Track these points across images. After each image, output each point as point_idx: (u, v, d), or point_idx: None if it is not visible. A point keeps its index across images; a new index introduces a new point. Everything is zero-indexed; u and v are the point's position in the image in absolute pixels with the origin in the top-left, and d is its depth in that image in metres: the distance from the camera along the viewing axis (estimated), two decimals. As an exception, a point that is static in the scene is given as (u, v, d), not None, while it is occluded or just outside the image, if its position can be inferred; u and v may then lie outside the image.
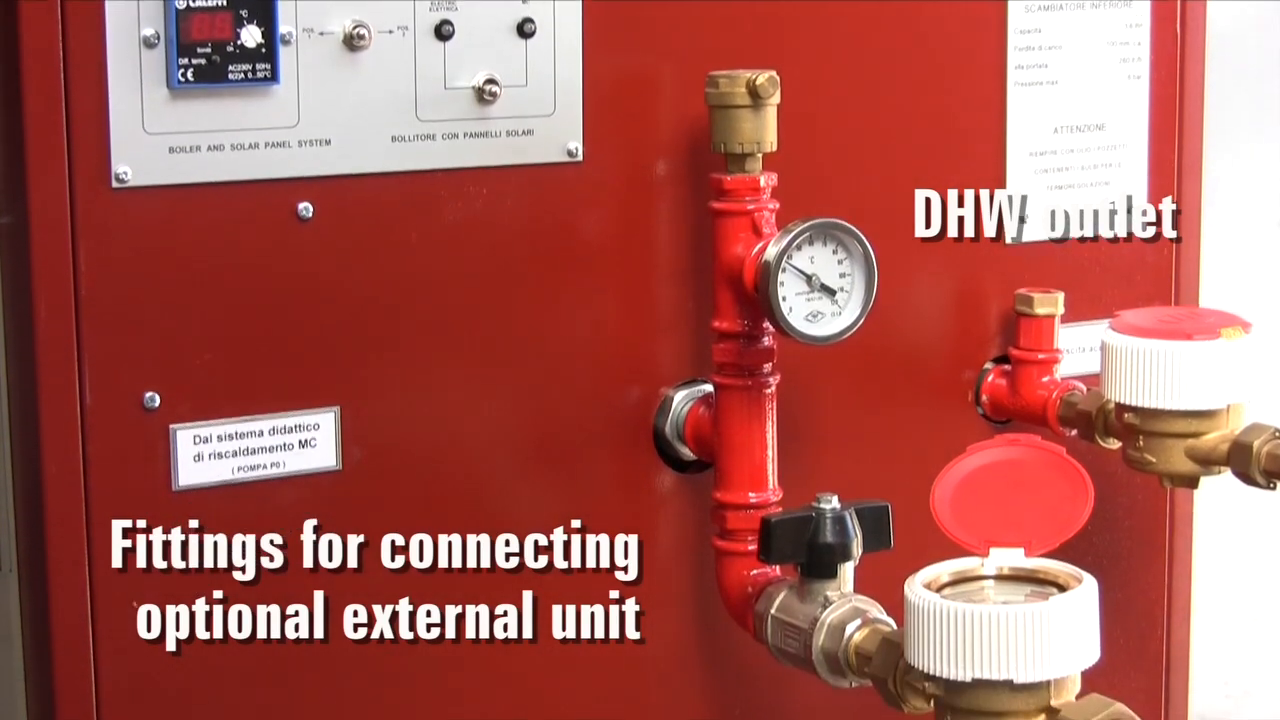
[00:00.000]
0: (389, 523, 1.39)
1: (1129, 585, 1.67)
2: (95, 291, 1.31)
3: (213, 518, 1.34)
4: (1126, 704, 1.25)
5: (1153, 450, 1.48)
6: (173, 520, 1.33)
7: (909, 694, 1.32)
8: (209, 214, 1.33)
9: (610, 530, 1.46)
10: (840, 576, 1.39)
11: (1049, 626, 1.24)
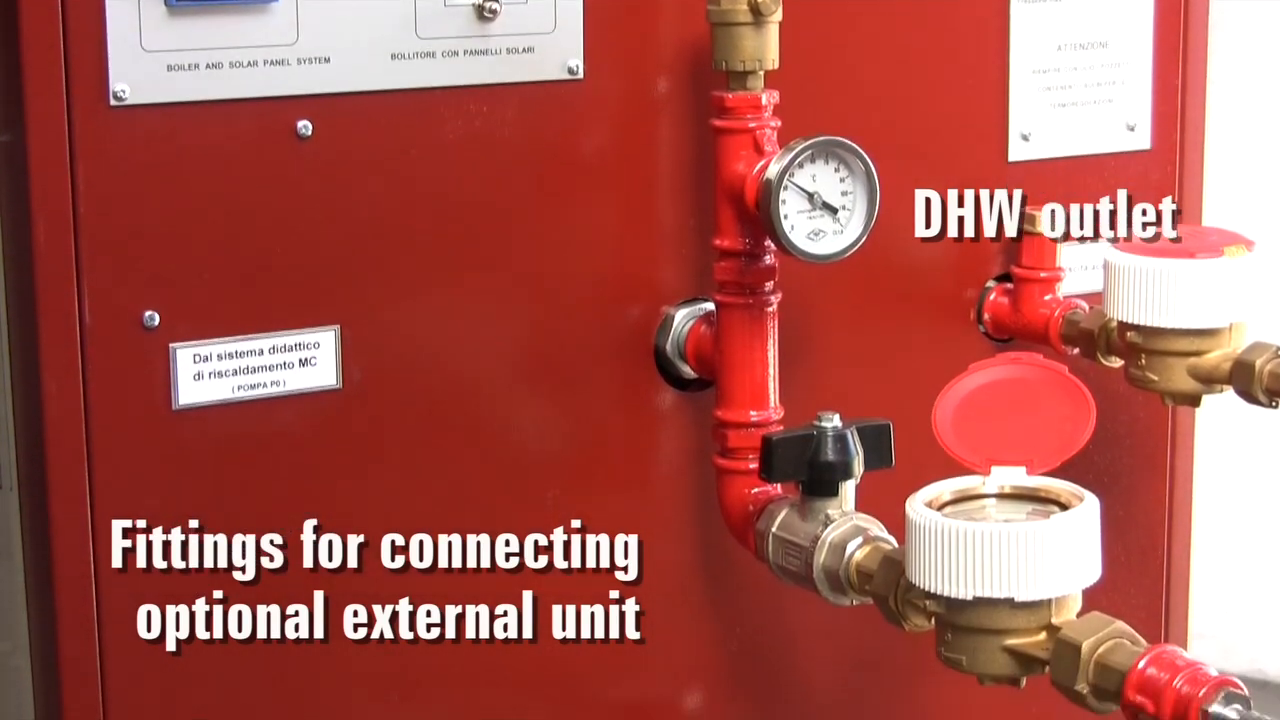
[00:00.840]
0: (389, 442, 1.40)
1: (1130, 503, 1.67)
2: (94, 210, 1.30)
3: (212, 437, 1.34)
4: (1127, 622, 1.25)
5: (1155, 369, 1.48)
6: (172, 440, 1.33)
7: (910, 612, 1.32)
8: (208, 132, 1.33)
9: (611, 451, 1.47)
10: (841, 495, 1.39)
11: (1050, 545, 1.25)
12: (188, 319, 1.33)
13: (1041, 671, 1.27)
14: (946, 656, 1.30)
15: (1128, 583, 1.67)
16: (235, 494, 1.36)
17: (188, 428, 1.34)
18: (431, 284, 1.41)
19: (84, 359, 1.31)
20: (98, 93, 1.29)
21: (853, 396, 1.51)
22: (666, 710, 1.51)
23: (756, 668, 1.54)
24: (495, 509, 1.44)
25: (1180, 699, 1.19)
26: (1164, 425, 1.69)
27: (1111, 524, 1.32)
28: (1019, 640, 1.27)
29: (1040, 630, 1.26)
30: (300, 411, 1.37)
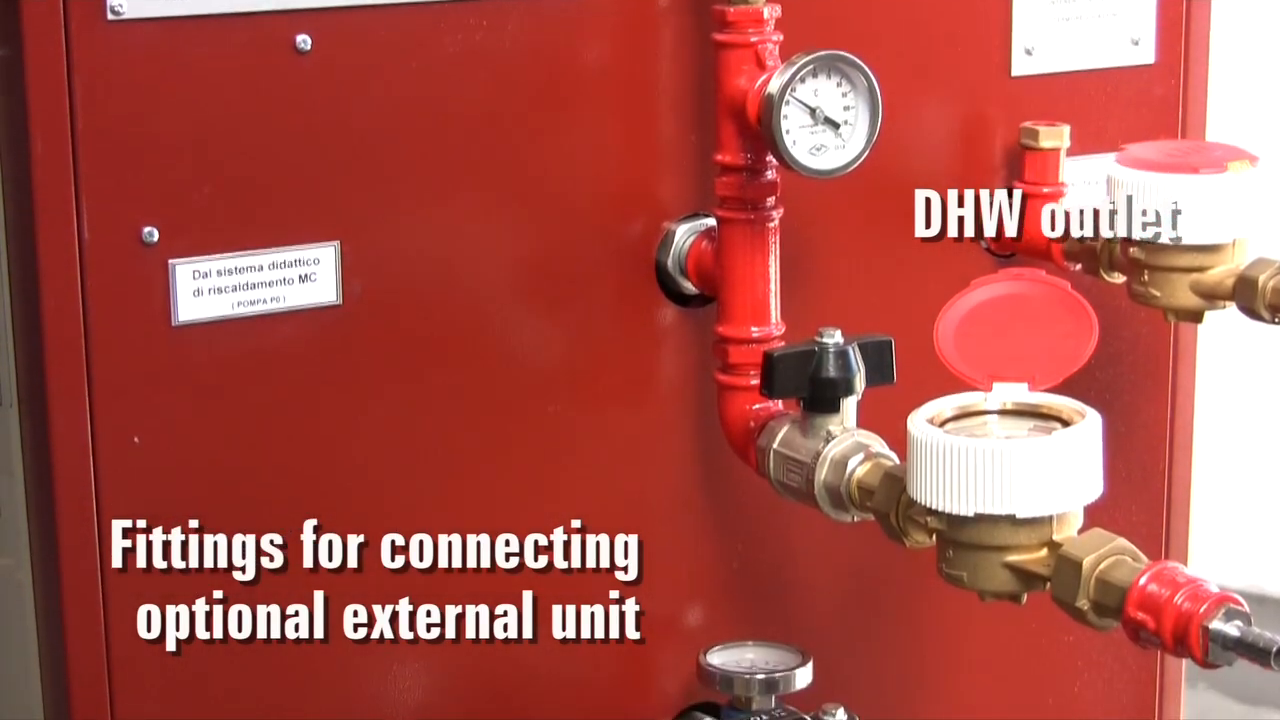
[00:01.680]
0: (389, 358, 1.39)
1: (1131, 420, 1.67)
2: (92, 126, 1.29)
3: (212, 354, 1.34)
4: (1128, 539, 1.25)
5: (1158, 285, 1.47)
6: (172, 356, 1.33)
7: (911, 528, 1.32)
8: (206, 47, 1.32)
9: (611, 367, 1.46)
10: (842, 411, 1.39)
11: (1051, 461, 1.24)
12: (187, 235, 1.33)
13: (1042, 588, 1.27)
14: (947, 573, 1.30)
15: (1129, 499, 1.67)
16: (235, 410, 1.35)
17: (187, 344, 1.34)
18: (431, 199, 1.40)
19: (83, 276, 1.30)
20: (95, 7, 1.28)
21: (854, 312, 1.50)
22: (667, 626, 1.51)
23: (757, 584, 1.54)
24: (496, 425, 1.44)
25: (1181, 615, 1.20)
26: (1166, 342, 1.68)
27: (1113, 441, 1.32)
28: (1020, 557, 1.27)
29: (1041, 547, 1.27)
30: (300, 327, 1.37)
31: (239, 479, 1.36)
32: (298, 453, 1.38)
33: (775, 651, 1.50)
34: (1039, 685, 1.67)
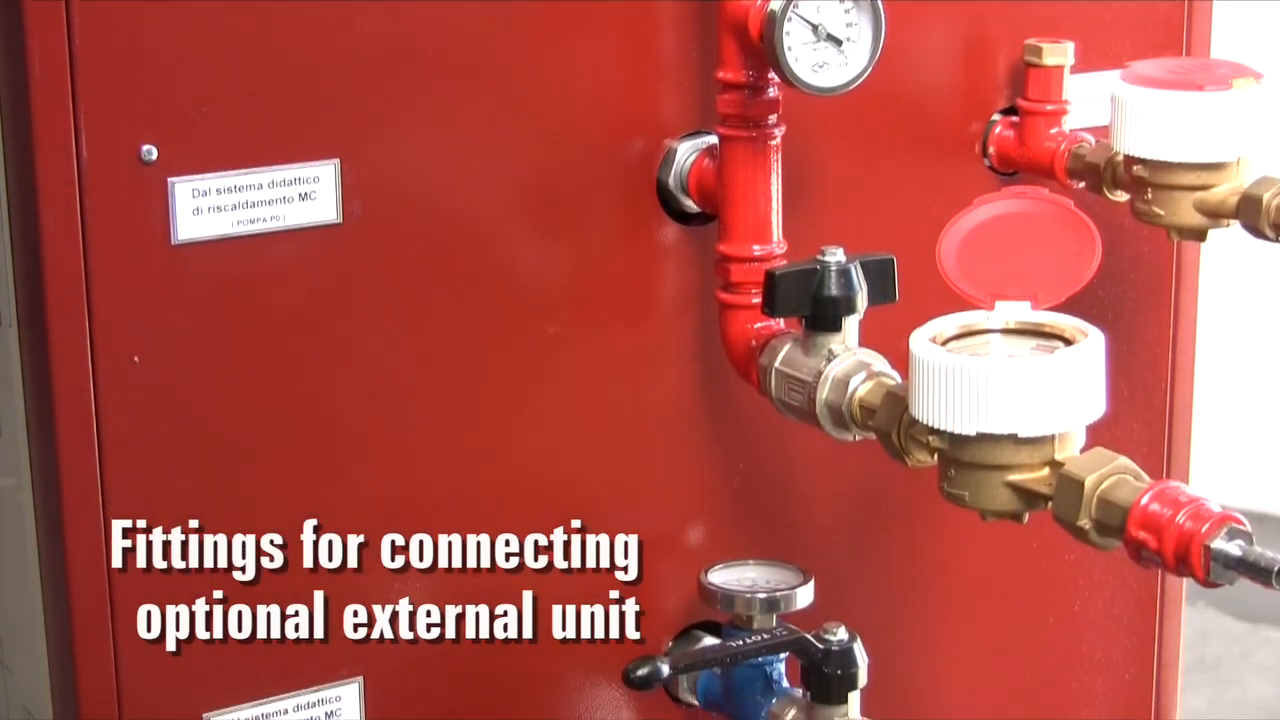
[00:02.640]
0: (390, 277, 1.39)
1: (1134, 339, 1.66)
2: (90, 43, 1.28)
3: (211, 272, 1.33)
4: (1130, 458, 1.25)
5: (1161, 203, 1.47)
6: (171, 275, 1.32)
7: (913, 447, 1.32)
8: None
9: (612, 286, 1.46)
10: (844, 330, 1.39)
11: (1054, 380, 1.24)
12: (186, 153, 1.32)
13: (1044, 507, 1.27)
14: (949, 492, 1.30)
15: (1131, 418, 1.67)
16: (234, 330, 1.35)
17: (187, 263, 1.33)
18: (432, 118, 1.39)
19: (82, 194, 1.30)
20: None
21: (856, 231, 1.50)
22: (668, 546, 1.51)
23: (759, 503, 1.54)
24: (496, 344, 1.43)
25: (1183, 535, 1.20)
26: (1169, 260, 1.68)
27: (1115, 359, 1.32)
28: (1022, 476, 1.27)
29: (1043, 466, 1.26)
30: (300, 247, 1.36)
31: (238, 397, 1.36)
32: (297, 371, 1.37)
33: (776, 570, 1.50)
34: (1039, 604, 1.68)
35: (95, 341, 1.30)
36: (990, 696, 1.66)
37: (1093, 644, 1.71)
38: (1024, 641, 1.68)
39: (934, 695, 1.63)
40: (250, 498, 1.37)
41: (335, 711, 1.42)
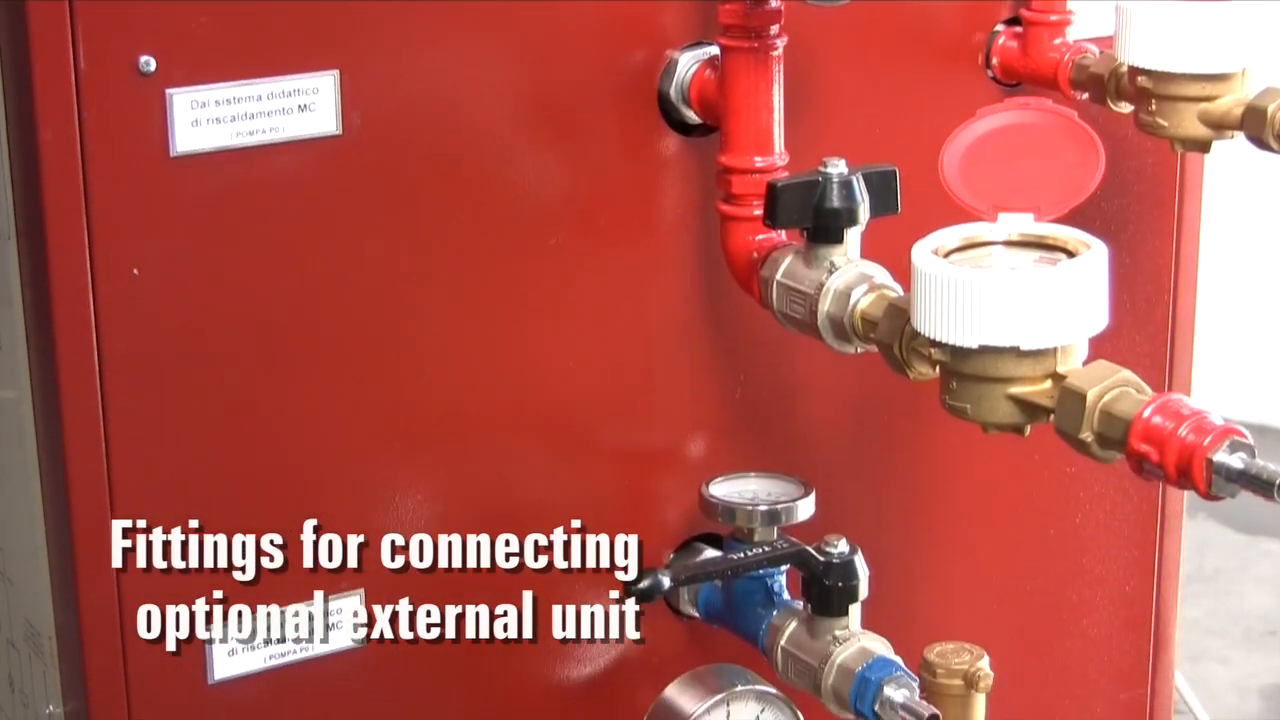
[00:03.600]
0: (389, 190, 1.38)
1: (1137, 250, 1.66)
2: (86, -48, 1.28)
3: (210, 184, 1.33)
4: (1132, 370, 1.25)
5: (1165, 114, 1.46)
6: (170, 188, 1.31)
7: (914, 360, 1.32)
8: None
9: (613, 198, 1.45)
10: (846, 242, 1.38)
11: (1057, 292, 1.24)
12: (185, 64, 1.31)
13: (1046, 420, 1.27)
14: (951, 405, 1.29)
15: (1133, 331, 1.66)
16: (234, 242, 1.34)
17: (186, 175, 1.32)
18: (432, 29, 1.38)
19: (80, 106, 1.29)
20: None
21: (859, 142, 1.49)
22: (670, 459, 1.51)
23: (760, 415, 1.54)
24: (496, 257, 1.43)
25: (1185, 448, 1.19)
26: (1173, 172, 1.67)
27: (1118, 272, 1.31)
28: (1024, 388, 1.26)
29: (1045, 378, 1.26)
30: (299, 158, 1.35)
31: (237, 311, 1.35)
32: (296, 283, 1.37)
33: (777, 483, 1.50)
34: (1040, 517, 1.68)
35: (94, 254, 1.30)
36: (990, 609, 1.67)
37: (1093, 556, 1.71)
38: (1024, 554, 1.68)
39: (934, 608, 1.63)
40: (251, 410, 1.37)
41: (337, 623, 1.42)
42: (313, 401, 1.38)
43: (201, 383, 1.35)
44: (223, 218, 1.34)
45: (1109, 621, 1.73)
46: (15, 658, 1.48)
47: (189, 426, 1.35)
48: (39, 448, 1.36)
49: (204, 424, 1.35)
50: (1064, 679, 1.72)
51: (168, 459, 1.34)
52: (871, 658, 1.42)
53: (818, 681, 1.44)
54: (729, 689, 1.49)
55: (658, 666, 1.52)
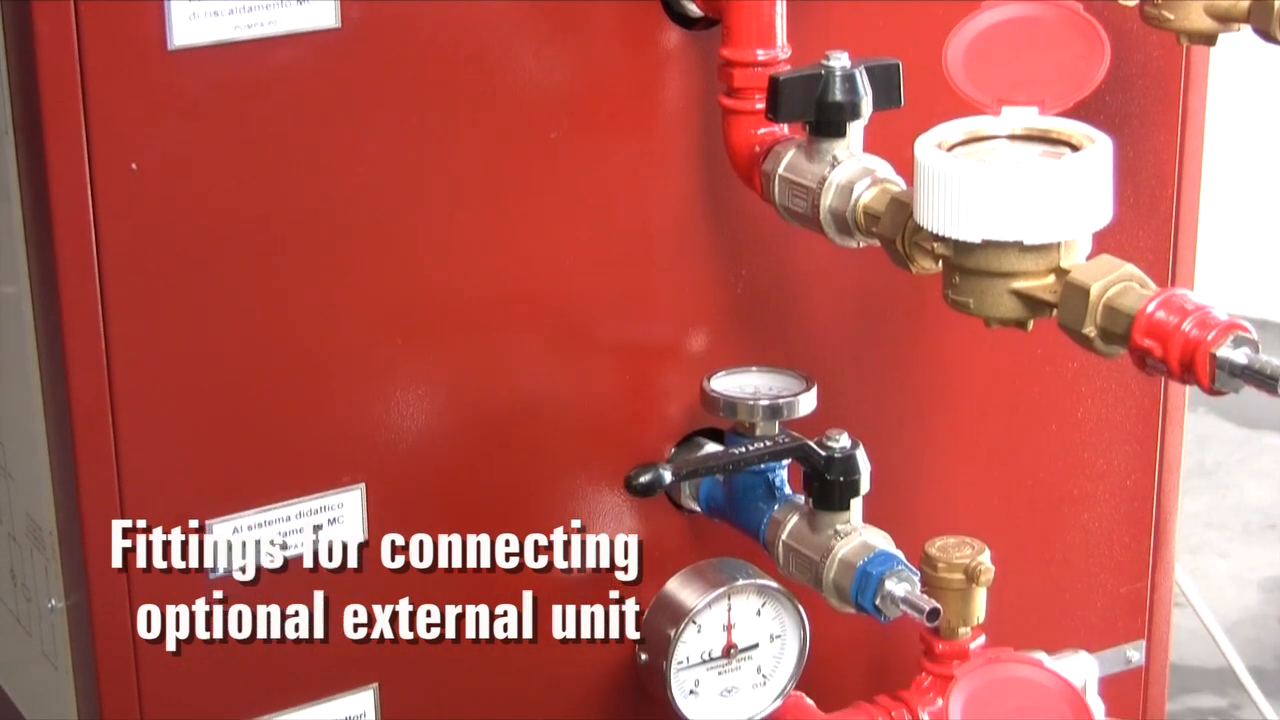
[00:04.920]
0: (389, 83, 1.37)
1: (1141, 145, 1.65)
2: None
3: (208, 78, 1.32)
4: (1135, 265, 1.24)
5: (1171, 6, 1.44)
6: (168, 82, 1.31)
7: (917, 254, 1.32)
8: None
9: (615, 91, 1.44)
10: (849, 136, 1.38)
11: (1061, 186, 1.23)
12: (181, -45, 1.30)
13: (1049, 315, 1.26)
14: (953, 299, 1.29)
15: (1136, 226, 1.66)
16: (232, 136, 1.34)
17: (184, 69, 1.31)
18: (430, -81, 1.37)
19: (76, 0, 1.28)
20: None
21: (862, 35, 1.48)
22: (671, 353, 1.51)
23: (761, 310, 1.54)
24: (496, 151, 1.42)
25: (1189, 343, 1.19)
26: (1178, 66, 1.66)
27: (1122, 166, 1.30)
28: (1027, 283, 1.26)
29: (1049, 273, 1.26)
30: (298, 51, 1.34)
31: (236, 206, 1.35)
32: (295, 177, 1.36)
33: (779, 377, 1.50)
34: (1042, 411, 1.68)
35: (92, 149, 1.29)
36: (991, 503, 1.67)
37: (1094, 451, 1.71)
38: (1026, 449, 1.68)
39: (935, 502, 1.63)
40: (250, 304, 1.36)
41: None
42: (311, 296, 1.38)
43: (200, 277, 1.34)
44: (221, 112, 1.33)
45: (1110, 516, 1.73)
46: (16, 552, 1.48)
47: (188, 320, 1.34)
48: (38, 343, 1.36)
49: (203, 317, 1.35)
50: (1064, 573, 1.73)
51: (167, 352, 1.34)
52: (873, 552, 1.43)
53: (819, 575, 1.44)
54: (730, 583, 1.49)
55: (659, 560, 1.52)
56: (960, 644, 1.51)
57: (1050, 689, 1.36)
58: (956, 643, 1.51)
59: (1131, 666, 1.78)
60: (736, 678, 1.50)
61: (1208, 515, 3.51)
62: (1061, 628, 1.73)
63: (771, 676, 1.51)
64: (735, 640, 1.50)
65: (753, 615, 1.50)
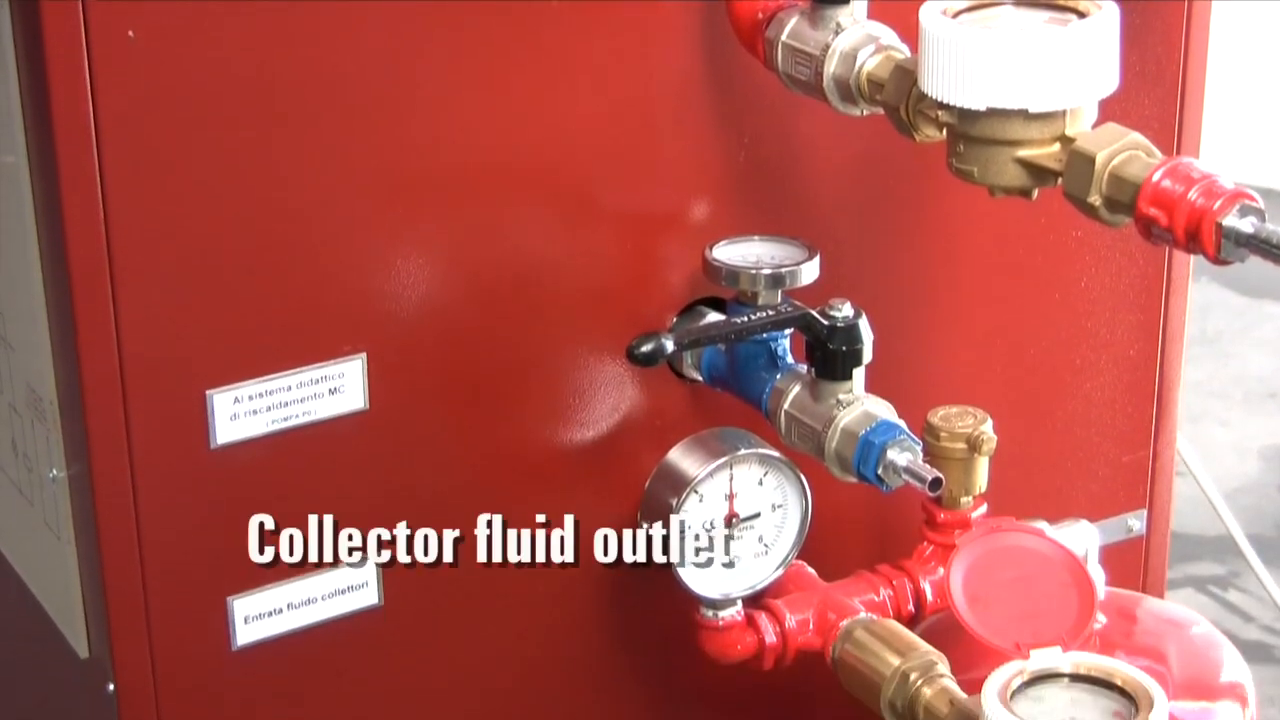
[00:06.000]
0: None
1: (1148, 11, 1.63)
2: None
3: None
4: (1141, 133, 1.23)
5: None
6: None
7: (921, 122, 1.31)
8: None
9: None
10: (853, 3, 1.36)
11: (1067, 53, 1.22)
12: None
13: (1054, 183, 1.26)
14: (957, 168, 1.28)
15: (1142, 94, 1.64)
16: (231, 4, 1.32)
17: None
18: None
19: None
20: None
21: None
22: (673, 222, 1.50)
23: (764, 178, 1.53)
24: (498, 13, 1.40)
25: (1195, 211, 1.18)
26: (1185, -70, 1.64)
27: (1128, 33, 1.29)
28: (1031, 151, 1.25)
29: (1053, 141, 1.25)
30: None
31: (234, 73, 1.33)
32: (293, 42, 1.34)
33: (782, 246, 1.49)
34: (1046, 280, 1.67)
35: (88, 17, 1.27)
36: (994, 372, 1.67)
37: (1098, 320, 1.71)
38: (1029, 318, 1.68)
39: (938, 371, 1.63)
40: (249, 172, 1.35)
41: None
42: (311, 165, 1.37)
43: (198, 145, 1.33)
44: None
45: (1112, 385, 1.73)
46: (17, 422, 1.48)
47: (186, 189, 1.33)
48: (37, 213, 1.35)
49: (201, 187, 1.34)
50: (1066, 442, 1.73)
51: (165, 222, 1.33)
52: (875, 421, 1.42)
53: (821, 445, 1.44)
54: (732, 452, 1.49)
55: (661, 430, 1.52)
56: (962, 513, 1.52)
57: (1051, 558, 1.36)
58: (958, 512, 1.52)
59: (1132, 535, 1.78)
60: (738, 547, 1.50)
61: (1209, 384, 3.52)
62: (1063, 497, 1.73)
63: (773, 546, 1.51)
64: (737, 509, 1.50)
65: (754, 485, 1.50)
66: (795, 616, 1.49)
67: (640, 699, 1.61)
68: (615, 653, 1.58)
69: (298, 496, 1.41)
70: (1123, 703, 1.26)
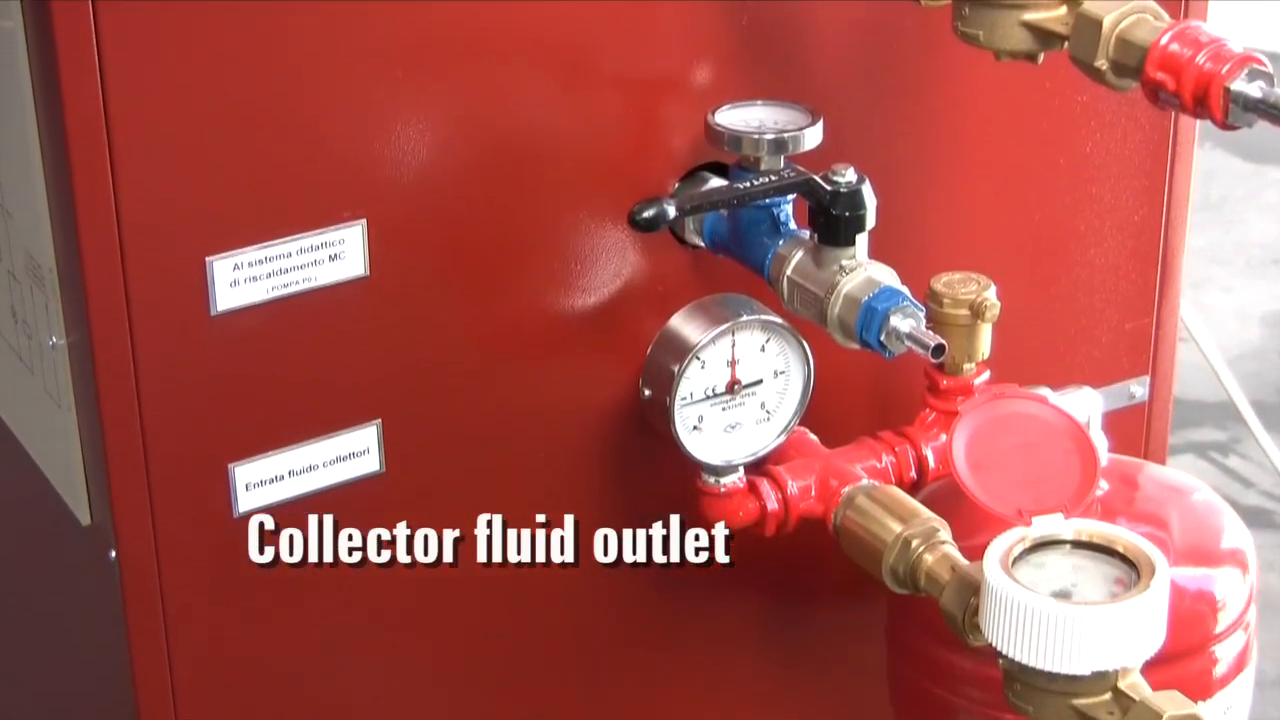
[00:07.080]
0: None
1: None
2: None
3: None
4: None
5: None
6: None
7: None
8: None
9: None
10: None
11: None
12: None
13: (1059, 47, 1.25)
14: (963, 31, 1.28)
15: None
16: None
17: None
18: None
19: None
20: None
21: None
22: (675, 86, 1.49)
23: (767, 42, 1.51)
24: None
25: (1203, 76, 1.17)
26: None
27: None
28: (1038, 15, 1.25)
29: (1060, 4, 1.25)
30: None
31: None
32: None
33: (785, 110, 1.48)
34: (1050, 145, 1.66)
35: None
36: (998, 239, 1.66)
37: (1102, 185, 1.70)
38: (1033, 183, 1.67)
39: (942, 237, 1.62)
40: (249, 36, 1.34)
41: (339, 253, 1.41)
42: (310, 28, 1.35)
43: (196, 10, 1.32)
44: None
45: (1116, 251, 1.73)
46: (16, 289, 1.47)
47: (185, 54, 1.32)
48: (33, 78, 1.34)
49: (200, 51, 1.33)
50: (1070, 308, 1.72)
51: (164, 87, 1.32)
52: (878, 287, 1.42)
53: (824, 311, 1.43)
54: (734, 318, 1.48)
55: (663, 296, 1.51)
56: (965, 380, 1.51)
57: (1054, 424, 1.36)
58: (961, 379, 1.51)
59: (1135, 402, 1.78)
60: (740, 413, 1.50)
61: (1212, 250, 3.51)
62: (1066, 363, 1.73)
63: (775, 412, 1.51)
64: (739, 376, 1.49)
65: (757, 351, 1.49)
66: (797, 483, 1.49)
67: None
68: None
69: (298, 363, 1.41)
70: (1124, 569, 1.26)
